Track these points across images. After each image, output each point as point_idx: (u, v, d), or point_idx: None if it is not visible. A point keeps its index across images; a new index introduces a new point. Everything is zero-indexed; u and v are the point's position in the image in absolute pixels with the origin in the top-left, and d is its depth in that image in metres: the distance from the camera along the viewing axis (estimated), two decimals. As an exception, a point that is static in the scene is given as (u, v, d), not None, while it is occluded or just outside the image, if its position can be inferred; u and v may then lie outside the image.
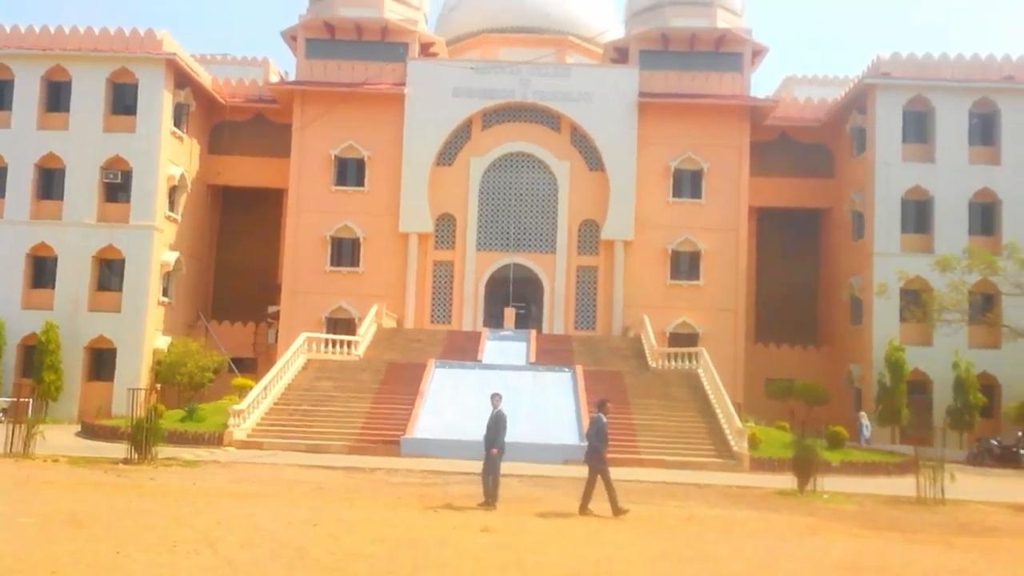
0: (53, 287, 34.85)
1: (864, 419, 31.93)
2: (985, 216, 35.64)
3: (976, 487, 20.58)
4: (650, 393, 27.34)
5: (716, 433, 24.76)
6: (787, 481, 19.27)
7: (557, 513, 14.19)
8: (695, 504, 16.43)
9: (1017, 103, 35.58)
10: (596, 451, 14.30)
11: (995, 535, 14.34)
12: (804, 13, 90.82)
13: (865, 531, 14.04)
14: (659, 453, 23.44)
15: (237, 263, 40.58)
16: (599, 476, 14.12)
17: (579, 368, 28.38)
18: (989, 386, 33.35)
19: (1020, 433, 31.16)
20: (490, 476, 14.47)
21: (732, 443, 23.88)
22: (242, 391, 28.68)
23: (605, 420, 14.60)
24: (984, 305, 32.91)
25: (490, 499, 14.35)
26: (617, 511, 13.75)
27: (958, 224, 34.95)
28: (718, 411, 25.73)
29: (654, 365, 30.18)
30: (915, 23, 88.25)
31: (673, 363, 30.03)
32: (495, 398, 15.09)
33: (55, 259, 35.06)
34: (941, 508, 17.15)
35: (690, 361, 29.65)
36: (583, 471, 20.42)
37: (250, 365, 37.55)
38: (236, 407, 24.63)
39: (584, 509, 13.95)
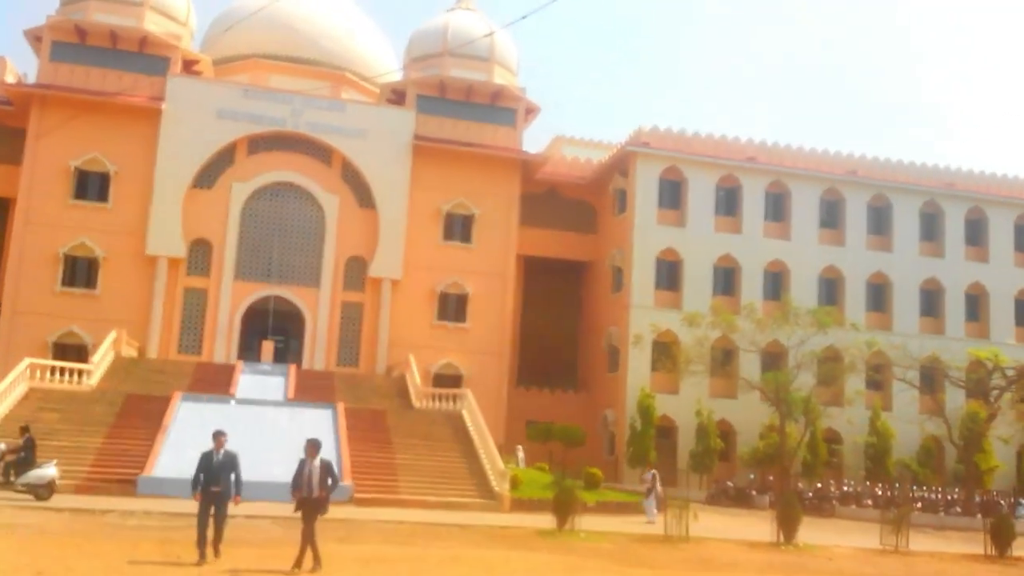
0: None
1: (656, 482, 24.23)
2: (727, 279, 38.85)
3: (715, 525, 21.81)
4: (413, 433, 26.70)
5: (479, 474, 24.57)
6: (547, 520, 19.51)
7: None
8: (458, 544, 16.16)
9: (756, 181, 39.38)
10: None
11: (732, 570, 15.32)
12: (574, 79, 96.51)
13: (620, 567, 14.45)
14: (421, 493, 22.89)
15: (-55, 278, 35.40)
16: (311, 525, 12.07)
17: (340, 406, 27.21)
18: (726, 432, 36.08)
19: (752, 476, 33.80)
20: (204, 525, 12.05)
21: (494, 484, 23.77)
22: (-58, 423, 24.63)
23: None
24: (724, 359, 35.63)
25: (204, 552, 11.97)
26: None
27: (704, 284, 37.78)
28: (481, 452, 25.57)
29: (418, 405, 29.64)
30: (672, 99, 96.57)
31: (437, 403, 29.64)
32: (219, 437, 12.49)
33: None
34: (686, 545, 18.00)
35: (454, 402, 29.40)
36: (341, 512, 19.42)
37: (-46, 395, 32.55)
38: (-67, 440, 20.99)
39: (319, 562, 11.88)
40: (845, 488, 33.02)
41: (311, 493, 11.99)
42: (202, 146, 35.01)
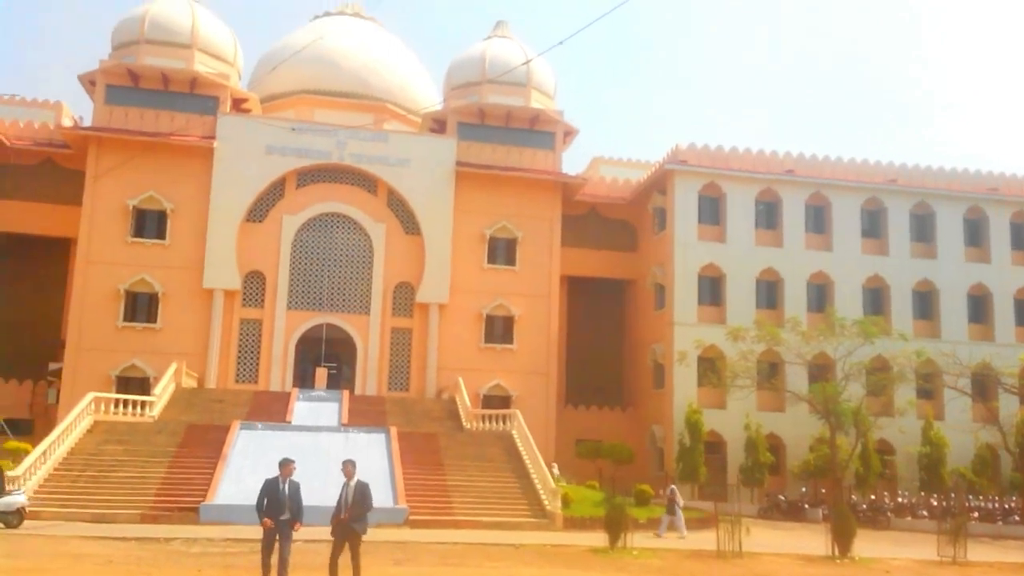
0: None
1: (677, 495, 24.90)
2: (770, 292, 38.87)
3: (768, 540, 21.87)
4: (465, 454, 27.23)
5: (530, 493, 24.96)
6: (599, 539, 19.72)
7: None
8: (512, 564, 16.44)
9: (796, 193, 39.38)
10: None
11: (788, 585, 15.31)
12: (612, 100, 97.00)
13: (672, 585, 14.52)
14: (474, 514, 23.33)
15: (14, 316, 36.86)
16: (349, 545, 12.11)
17: (393, 429, 27.84)
18: (776, 446, 35.99)
19: (804, 489, 33.69)
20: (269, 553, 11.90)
21: (546, 502, 24.14)
22: (16, 456, 25.83)
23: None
24: (770, 372, 35.60)
25: None
26: None
27: (747, 298, 37.84)
28: (532, 471, 25.98)
29: (469, 427, 30.16)
30: (710, 115, 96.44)
31: (487, 425, 30.15)
32: (288, 465, 12.17)
33: None
34: (739, 560, 18.09)
35: (504, 423, 29.89)
36: (396, 534, 20.00)
37: (26, 427, 33.96)
38: (11, 473, 22.04)
39: None
40: (899, 499, 32.77)
41: (347, 516, 11.88)
42: (253, 181, 36.15)
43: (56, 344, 35.45)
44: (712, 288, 38.46)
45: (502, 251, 38.47)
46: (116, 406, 28.06)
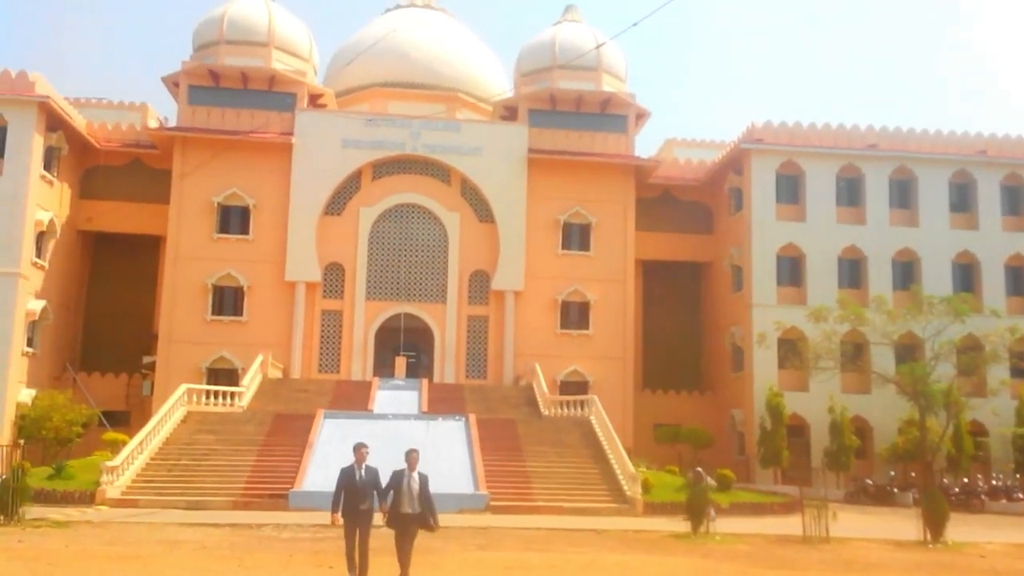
0: (-95, 339, 32.19)
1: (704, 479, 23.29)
2: (852, 271, 37.87)
3: (856, 525, 21.42)
4: (543, 440, 27.38)
5: (610, 478, 24.97)
6: (681, 524, 19.56)
7: (459, 565, 13.83)
8: (594, 550, 16.49)
9: (879, 168, 38.23)
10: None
11: (879, 571, 14.98)
12: (684, 80, 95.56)
13: (758, 570, 14.39)
14: (555, 500, 23.46)
15: (110, 311, 38.55)
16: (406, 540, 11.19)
17: (472, 417, 28.18)
18: (862, 429, 35.11)
19: (892, 473, 32.84)
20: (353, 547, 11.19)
21: (626, 488, 24.12)
22: (114, 446, 27.08)
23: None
24: (855, 353, 34.60)
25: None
26: None
27: (828, 278, 36.94)
28: (611, 457, 25.98)
29: (546, 413, 30.31)
30: (786, 92, 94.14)
31: (565, 411, 30.24)
32: (360, 450, 11.43)
33: (-92, 307, 32.44)
34: (826, 546, 17.77)
35: (582, 408, 29.93)
36: (477, 520, 20.27)
37: (123, 418, 35.51)
38: (109, 463, 23.18)
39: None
40: (994, 482, 31.63)
41: (412, 509, 10.94)
42: (330, 175, 36.87)
43: (149, 338, 36.92)
44: (792, 268, 37.66)
45: (576, 236, 38.39)
46: (207, 397, 29.09)
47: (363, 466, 11.25)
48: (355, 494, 11.11)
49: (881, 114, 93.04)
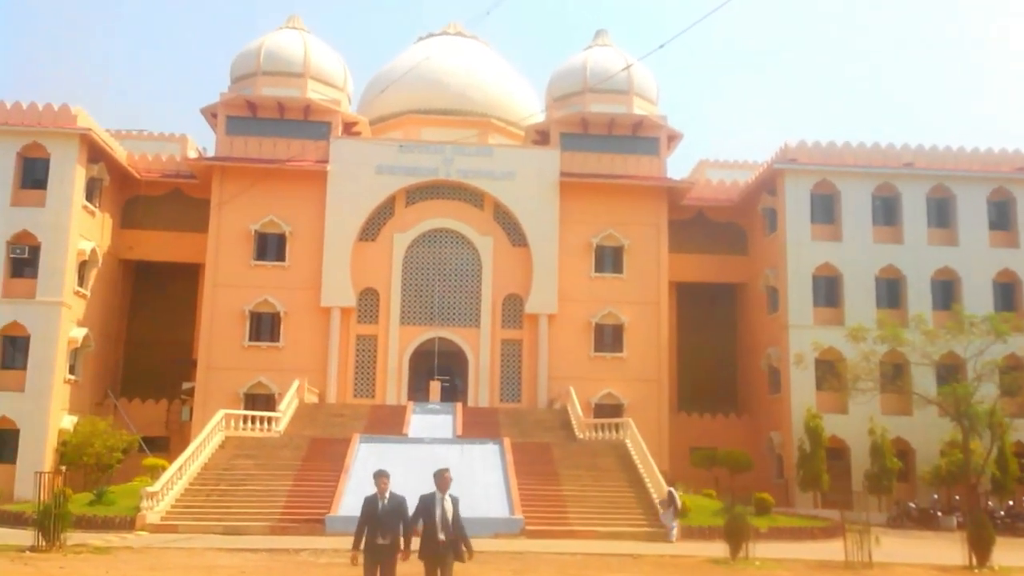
0: (-47, 365, 33.02)
1: (675, 498, 23.62)
2: (891, 291, 37.33)
3: (899, 549, 21.00)
4: (579, 464, 27.24)
5: (646, 502, 24.75)
6: (718, 549, 19.35)
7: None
8: (631, 575, 16.27)
9: (916, 187, 37.76)
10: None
11: (924, 597, 14.63)
12: (716, 101, 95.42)
13: (799, 596, 14.12)
14: (591, 524, 23.29)
15: (149, 339, 39.23)
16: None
17: (506, 440, 28.13)
18: (903, 451, 34.44)
19: (935, 496, 32.14)
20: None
21: (662, 512, 23.82)
22: (154, 472, 27.45)
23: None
24: (894, 374, 34.11)
25: None
26: None
27: (866, 298, 36.47)
28: (647, 480, 25.78)
29: (581, 436, 30.19)
30: (819, 111, 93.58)
31: (600, 434, 30.10)
32: (382, 478, 10.39)
33: (-45, 336, 33.30)
34: (869, 571, 17.42)
35: (617, 431, 29.77)
36: (512, 544, 20.16)
37: (162, 444, 36.00)
38: (149, 489, 23.45)
39: None
40: (1040, 505, 30.87)
41: (445, 535, 9.97)
42: (365, 201, 37.28)
43: (188, 364, 37.43)
44: (828, 289, 37.27)
45: (609, 259, 38.37)
46: (244, 422, 29.37)
47: (386, 495, 10.18)
48: (376, 526, 10.03)
49: (917, 132, 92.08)
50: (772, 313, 38.07)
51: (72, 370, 34.87)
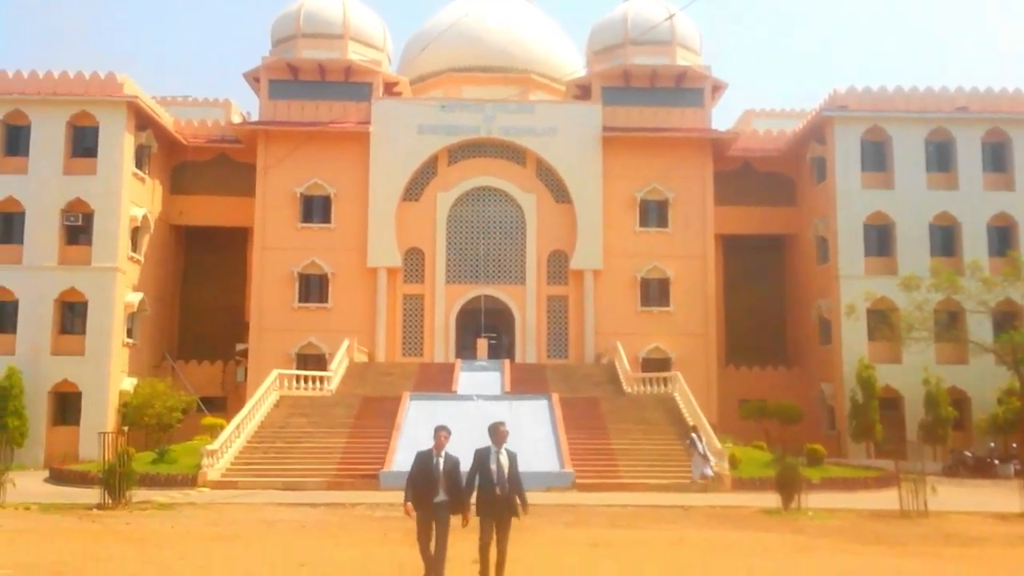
0: (14, 332, 34.02)
1: (699, 443, 23.81)
2: (945, 238, 36.49)
3: (955, 498, 20.76)
4: (627, 418, 27.32)
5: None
6: (770, 500, 19.30)
7: (548, 541, 13.94)
8: (683, 526, 16.37)
9: (971, 132, 36.70)
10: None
11: (982, 545, 14.48)
12: (761, 50, 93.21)
13: (854, 546, 14.09)
14: (641, 477, 23.42)
15: (203, 302, 40.04)
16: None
17: (555, 396, 28.30)
18: (959, 400, 33.91)
19: (992, 444, 31.71)
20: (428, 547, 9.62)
21: (713, 464, 23.87)
22: (213, 431, 28.15)
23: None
24: (949, 322, 33.54)
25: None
26: None
27: (920, 246, 35.72)
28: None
29: (629, 390, 30.24)
30: (868, 57, 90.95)
31: (648, 388, 30.12)
32: (441, 433, 9.84)
33: (15, 303, 34.25)
34: (925, 520, 17.30)
35: (665, 385, 29.77)
36: (564, 498, 20.36)
37: (219, 404, 36.86)
38: (209, 447, 24.11)
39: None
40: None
41: (502, 491, 9.47)
42: (407, 161, 37.33)
43: (241, 326, 38.15)
44: (880, 237, 36.56)
45: (654, 213, 38.02)
46: (297, 382, 29.94)
47: (442, 453, 9.65)
48: (430, 484, 9.51)
49: (970, 75, 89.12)
50: (822, 264, 37.50)
51: (129, 334, 35.77)
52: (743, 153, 40.21)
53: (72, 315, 35.00)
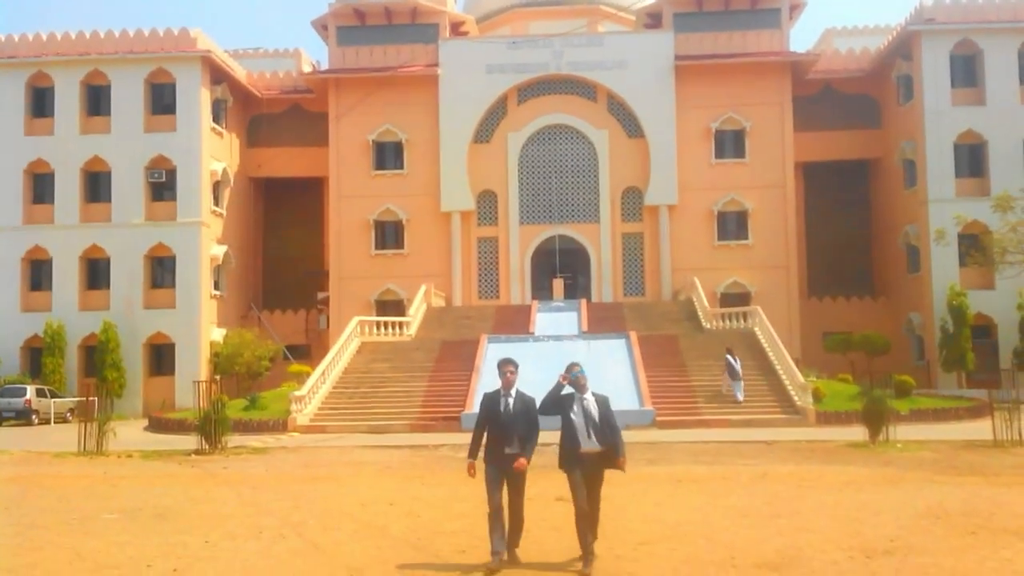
0: (108, 288, 35.51)
1: (735, 363, 24.25)
2: (1042, 156, 34.62)
3: (1052, 428, 19.98)
4: (707, 354, 27.06)
5: (778, 389, 24.49)
6: (856, 433, 18.98)
7: (631, 479, 13.95)
8: (766, 461, 16.20)
9: (1070, 39, 34.47)
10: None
11: (1081, 474, 13.96)
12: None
13: (946, 477, 13.72)
14: (721, 413, 23.30)
15: (284, 252, 41.04)
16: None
17: (632, 334, 28.19)
18: (1057, 326, 32.49)
19: (1093, 371, 30.35)
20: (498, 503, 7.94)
21: (796, 398, 23.59)
22: (299, 377, 29.02)
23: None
24: (1048, 245, 31.94)
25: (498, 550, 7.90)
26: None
27: (1014, 165, 34.00)
28: (778, 367, 25.42)
29: (708, 326, 29.90)
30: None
31: (727, 323, 29.74)
32: (507, 367, 8.31)
33: (107, 260, 35.67)
34: (1019, 450, 16.82)
35: (745, 320, 29.33)
36: (645, 435, 20.36)
37: (304, 352, 37.97)
38: (297, 393, 24.89)
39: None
40: None
41: (592, 444, 7.90)
42: (477, 102, 37.04)
43: (321, 275, 38.97)
44: (971, 157, 34.88)
45: (730, 144, 37.01)
46: (378, 328, 30.56)
47: (512, 391, 8.09)
48: (501, 431, 7.99)
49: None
50: (910, 188, 36.04)
51: (216, 286, 36.92)
52: (823, 75, 38.60)
53: (162, 270, 36.28)
